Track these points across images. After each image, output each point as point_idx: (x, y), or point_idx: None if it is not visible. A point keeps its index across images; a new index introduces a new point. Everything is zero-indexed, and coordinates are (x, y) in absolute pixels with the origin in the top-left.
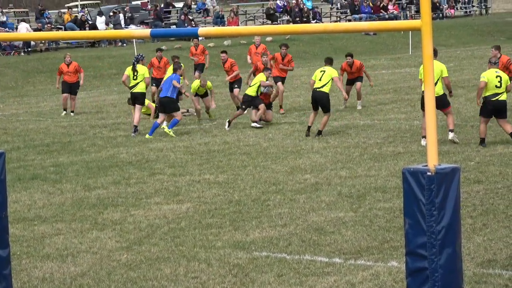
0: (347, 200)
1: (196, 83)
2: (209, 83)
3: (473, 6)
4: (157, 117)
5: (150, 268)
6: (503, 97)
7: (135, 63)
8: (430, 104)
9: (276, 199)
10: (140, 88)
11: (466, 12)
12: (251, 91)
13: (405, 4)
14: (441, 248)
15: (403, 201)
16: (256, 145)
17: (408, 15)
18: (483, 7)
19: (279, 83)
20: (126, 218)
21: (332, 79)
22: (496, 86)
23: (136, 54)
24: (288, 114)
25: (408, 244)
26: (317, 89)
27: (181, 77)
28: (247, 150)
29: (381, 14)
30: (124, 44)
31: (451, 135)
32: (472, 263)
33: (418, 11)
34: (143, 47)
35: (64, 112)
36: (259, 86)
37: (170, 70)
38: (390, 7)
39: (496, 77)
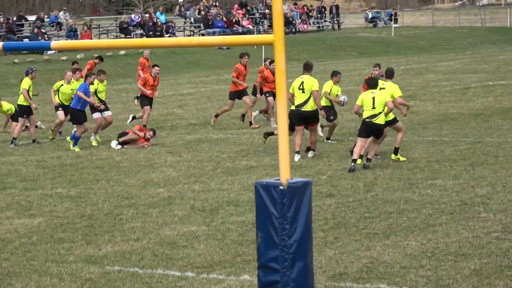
0: (200, 214)
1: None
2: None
3: (325, 21)
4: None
5: (0, 283)
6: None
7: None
8: (282, 119)
9: (129, 213)
10: (20, 100)
11: (319, 27)
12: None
13: (259, 19)
14: (292, 262)
15: (255, 215)
16: (109, 159)
17: (261, 30)
18: (336, 22)
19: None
20: None
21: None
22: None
23: None
24: None
25: (260, 257)
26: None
27: (91, 85)
28: (100, 164)
29: (234, 28)
30: None
31: (311, 154)
32: (323, 276)
33: (271, 26)
34: None
35: None
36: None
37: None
38: (244, 22)
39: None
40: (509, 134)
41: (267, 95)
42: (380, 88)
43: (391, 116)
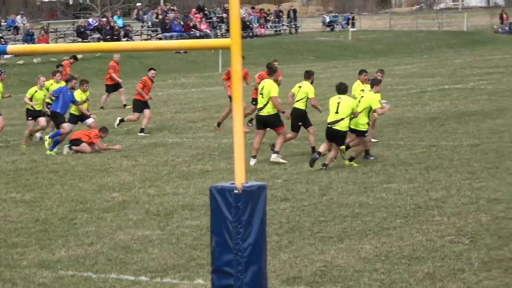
0: (154, 218)
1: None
2: None
3: (283, 25)
4: None
5: None
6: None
7: None
8: (238, 123)
9: (83, 217)
10: None
11: (276, 31)
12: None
13: (216, 23)
14: (246, 266)
15: (210, 219)
16: (64, 163)
17: (219, 34)
18: (293, 26)
19: None
20: None
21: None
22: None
23: None
24: None
25: (215, 261)
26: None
27: (73, 90)
28: (55, 168)
29: (192, 32)
30: None
31: (273, 156)
32: (277, 280)
33: (229, 30)
34: None
35: None
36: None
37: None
38: (202, 26)
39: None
40: (464, 138)
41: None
42: (362, 96)
43: (363, 127)
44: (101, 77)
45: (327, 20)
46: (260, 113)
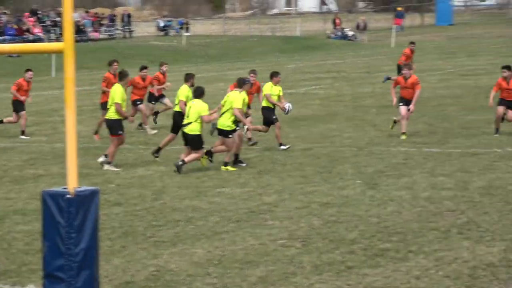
0: None
1: None
2: None
3: (117, 30)
4: None
5: None
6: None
7: None
8: (70, 128)
9: None
10: None
11: (110, 35)
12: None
13: (50, 27)
14: (78, 271)
15: (42, 224)
16: None
17: (53, 38)
18: (127, 30)
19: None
20: None
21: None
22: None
23: None
24: None
25: (46, 266)
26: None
27: None
28: None
29: (25, 36)
30: None
31: (106, 167)
32: (109, 285)
33: (62, 34)
34: None
35: None
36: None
37: None
38: (35, 30)
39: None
40: (296, 142)
41: (138, 103)
42: (228, 96)
43: (229, 127)
44: None
45: (161, 24)
46: (105, 117)
